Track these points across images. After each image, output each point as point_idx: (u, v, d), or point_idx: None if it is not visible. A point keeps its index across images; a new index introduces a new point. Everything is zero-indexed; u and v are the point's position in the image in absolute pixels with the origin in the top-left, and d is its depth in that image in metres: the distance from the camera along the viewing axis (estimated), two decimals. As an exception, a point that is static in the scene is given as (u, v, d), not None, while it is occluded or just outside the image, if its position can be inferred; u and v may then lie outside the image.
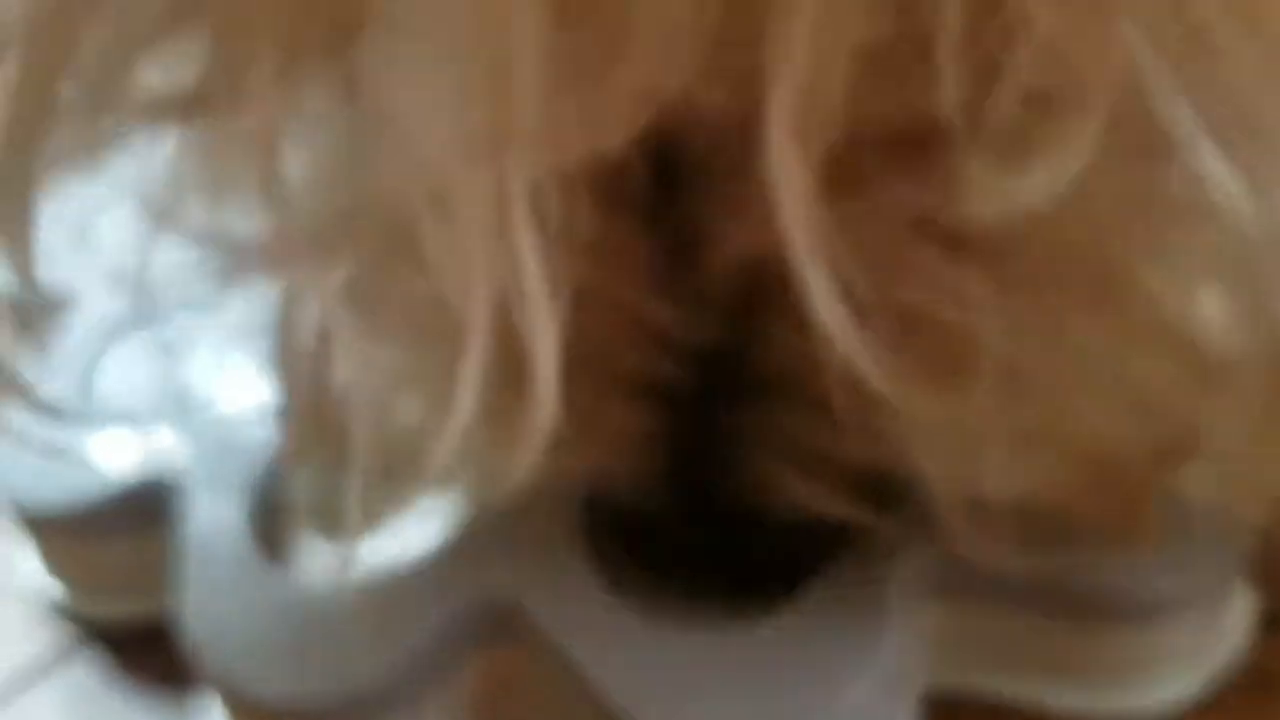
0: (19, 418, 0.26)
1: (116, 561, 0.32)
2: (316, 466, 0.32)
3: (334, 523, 0.32)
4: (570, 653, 0.26)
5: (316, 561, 0.31)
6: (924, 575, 0.27)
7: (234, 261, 0.24)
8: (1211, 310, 0.22)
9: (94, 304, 0.36)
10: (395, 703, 0.27)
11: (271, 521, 0.31)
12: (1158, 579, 0.27)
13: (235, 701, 0.28)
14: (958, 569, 0.27)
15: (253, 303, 0.27)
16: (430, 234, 0.18)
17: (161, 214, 0.24)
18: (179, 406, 0.32)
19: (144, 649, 0.32)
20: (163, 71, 0.20)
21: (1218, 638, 0.29)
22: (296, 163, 0.21)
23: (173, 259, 0.33)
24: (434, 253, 0.18)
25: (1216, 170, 0.18)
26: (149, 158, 0.23)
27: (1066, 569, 0.27)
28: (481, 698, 0.28)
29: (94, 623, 0.33)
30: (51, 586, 0.34)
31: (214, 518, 0.30)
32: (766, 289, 0.22)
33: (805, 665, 0.26)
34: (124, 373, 0.34)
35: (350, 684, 0.27)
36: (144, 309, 0.35)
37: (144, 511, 0.31)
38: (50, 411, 0.26)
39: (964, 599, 0.28)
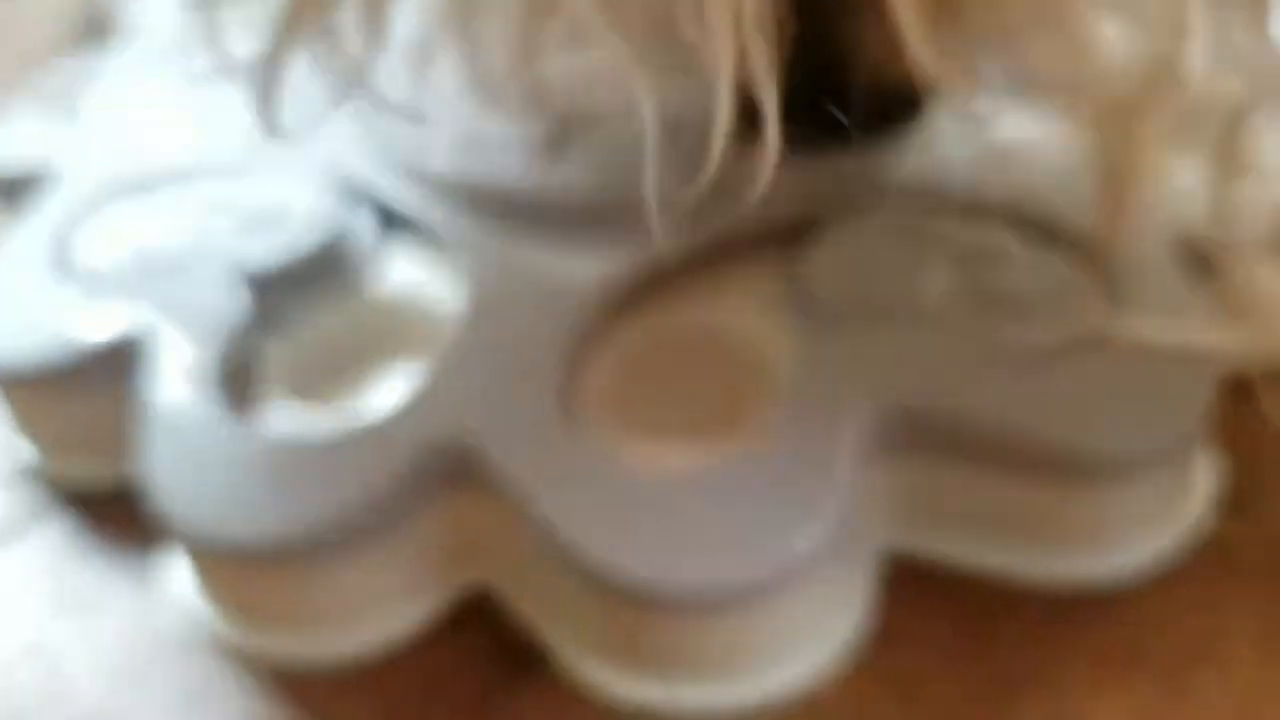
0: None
1: (87, 422, 0.32)
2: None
3: (301, 383, 0.32)
4: (528, 496, 0.26)
5: (281, 416, 0.31)
6: (880, 429, 0.27)
7: None
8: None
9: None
10: (356, 545, 0.28)
11: (236, 381, 0.31)
12: (1119, 439, 0.27)
13: (198, 547, 0.28)
14: (917, 421, 0.28)
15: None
16: None
17: None
18: (148, 268, 0.33)
19: (114, 510, 0.32)
20: None
21: (1179, 506, 0.29)
22: None
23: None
24: None
25: None
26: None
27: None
28: (443, 542, 0.28)
29: (64, 484, 0.33)
30: (22, 448, 0.34)
31: (179, 375, 0.30)
32: None
33: (755, 513, 0.26)
34: (100, 235, 0.34)
35: (311, 527, 0.27)
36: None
37: (114, 372, 0.31)
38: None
39: (923, 456, 0.28)
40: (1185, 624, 0.28)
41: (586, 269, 0.31)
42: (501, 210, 0.33)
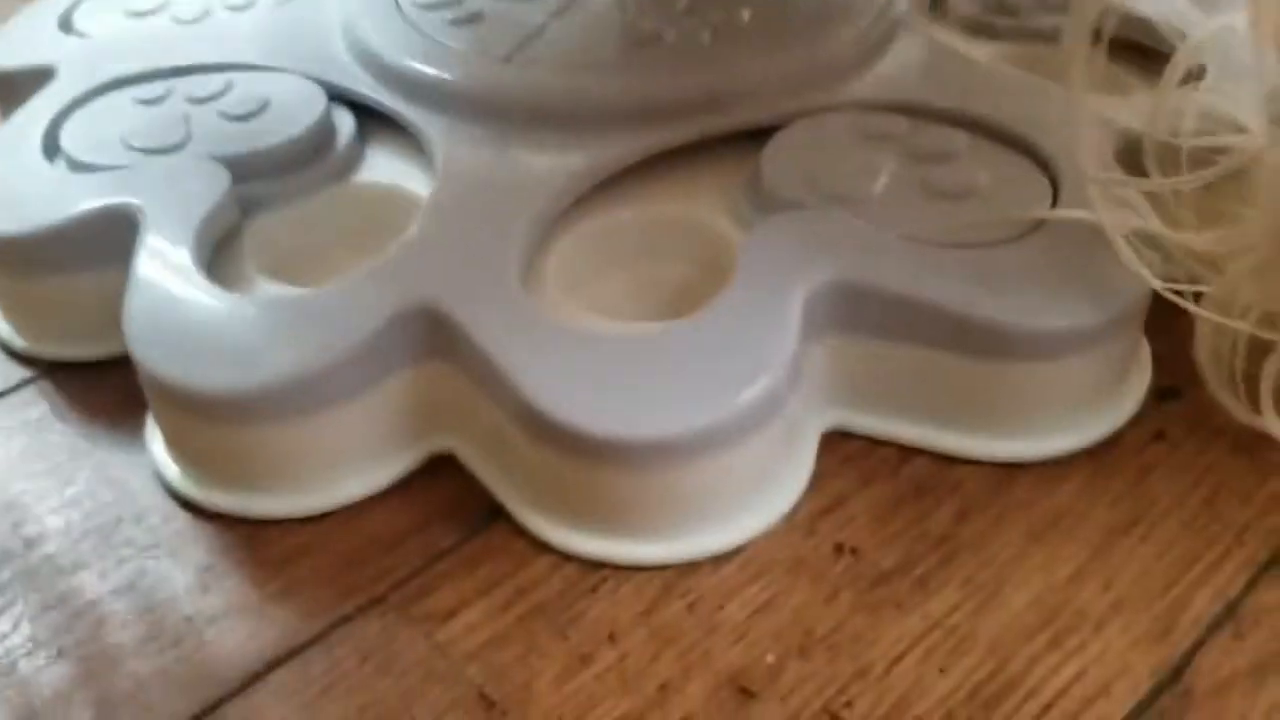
0: None
1: (75, 296, 0.33)
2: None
3: (279, 262, 0.33)
4: (488, 356, 0.28)
5: (257, 288, 0.32)
6: (823, 305, 0.29)
7: None
8: None
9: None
10: (323, 405, 0.29)
11: (216, 255, 0.32)
12: (1054, 319, 0.28)
13: (166, 396, 0.29)
14: (858, 299, 0.29)
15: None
16: None
17: None
18: (135, 152, 0.34)
19: (100, 381, 0.34)
20: None
21: (1114, 388, 0.30)
22: None
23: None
24: None
25: None
26: None
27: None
28: (408, 405, 0.30)
29: (52, 355, 0.34)
30: (8, 327, 0.35)
31: (162, 247, 0.31)
32: None
33: (702, 372, 0.27)
34: (91, 125, 0.36)
35: (279, 383, 0.28)
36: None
37: (101, 246, 0.32)
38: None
39: (866, 334, 0.29)
40: (1116, 499, 0.29)
41: (552, 163, 0.33)
42: (474, 110, 0.34)
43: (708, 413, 0.27)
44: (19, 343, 0.35)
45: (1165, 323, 0.32)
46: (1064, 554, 0.28)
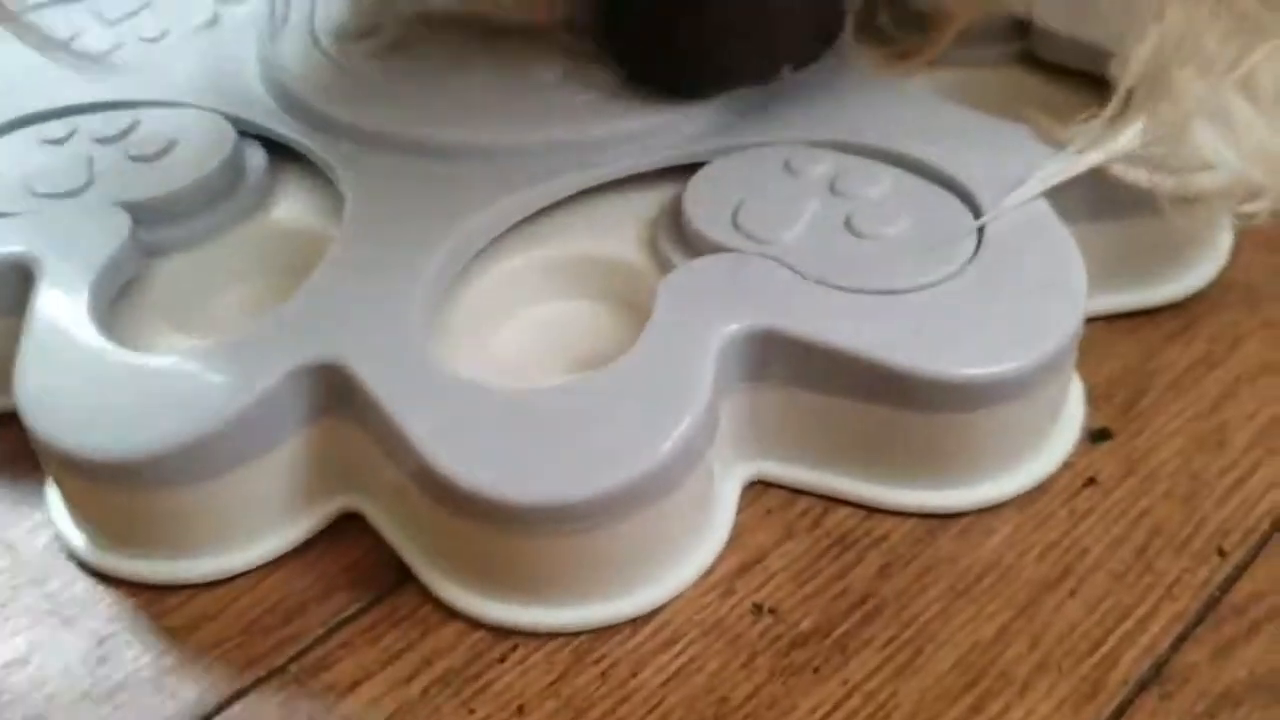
0: None
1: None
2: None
3: (183, 309, 0.32)
4: (388, 414, 0.26)
5: (156, 346, 0.31)
6: (740, 354, 0.28)
7: None
8: None
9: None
10: (223, 465, 0.27)
11: (115, 307, 0.31)
12: (978, 367, 0.27)
13: (60, 462, 0.28)
14: (776, 348, 0.28)
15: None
16: None
17: None
18: (34, 197, 0.33)
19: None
20: None
21: (1045, 433, 0.29)
22: None
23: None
24: None
25: None
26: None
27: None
28: (311, 464, 0.29)
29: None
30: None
31: (57, 300, 0.30)
32: None
33: (612, 429, 0.26)
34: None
35: (175, 446, 0.27)
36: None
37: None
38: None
39: (785, 383, 0.28)
40: (1045, 550, 0.28)
41: (467, 201, 0.31)
42: (385, 147, 0.33)
43: (618, 474, 0.25)
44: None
45: (1096, 359, 0.32)
46: (990, 611, 0.27)
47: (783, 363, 0.28)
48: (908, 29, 0.37)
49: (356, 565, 0.29)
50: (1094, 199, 0.30)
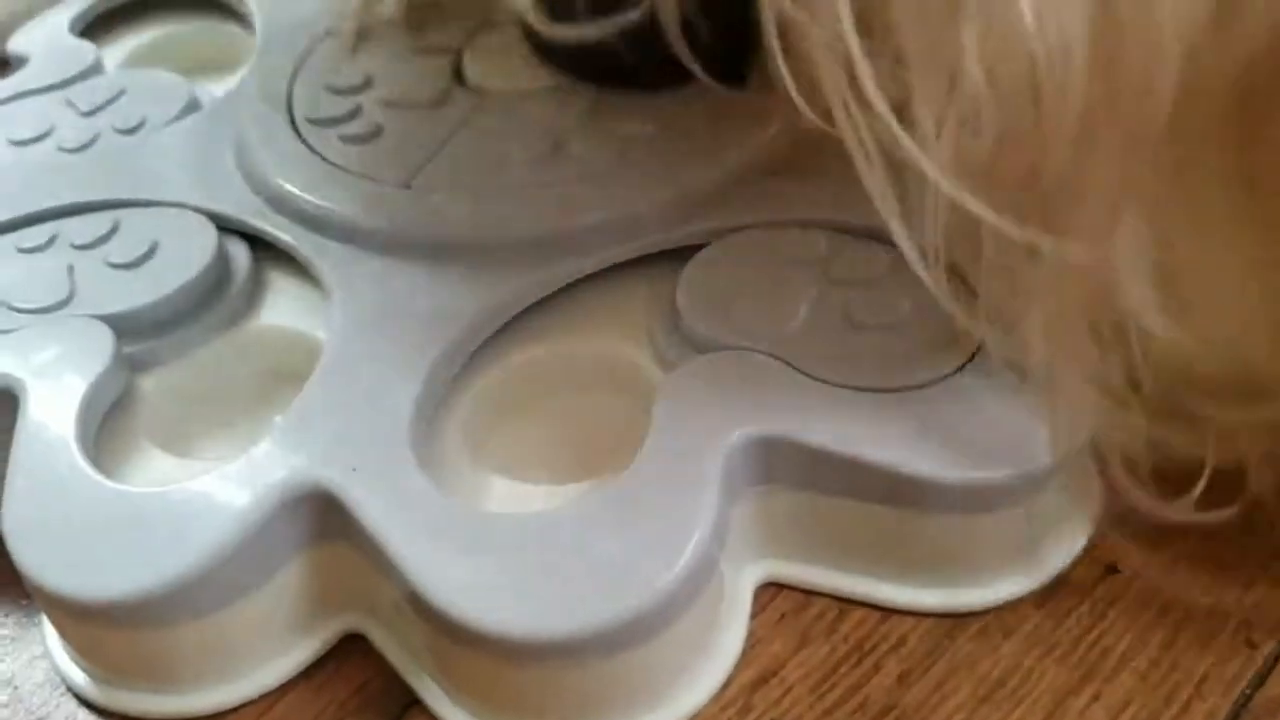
0: None
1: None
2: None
3: (173, 424, 0.32)
4: (384, 545, 0.26)
5: (147, 464, 0.30)
6: (746, 461, 0.27)
7: None
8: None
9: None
10: (217, 599, 0.27)
11: (102, 429, 0.30)
12: (995, 467, 0.26)
13: (53, 601, 0.27)
14: (783, 454, 0.27)
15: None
16: None
17: None
18: (12, 313, 0.32)
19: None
20: None
21: (1062, 528, 0.28)
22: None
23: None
24: None
25: None
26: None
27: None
28: (309, 590, 0.28)
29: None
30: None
31: (43, 425, 0.29)
32: None
33: (616, 554, 0.25)
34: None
35: (169, 582, 0.26)
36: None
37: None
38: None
39: (793, 487, 0.27)
40: (1066, 651, 0.27)
41: (458, 300, 0.31)
42: (371, 243, 0.32)
43: (624, 603, 0.25)
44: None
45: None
46: (1015, 718, 0.26)
47: (791, 468, 0.27)
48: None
49: (365, 688, 0.28)
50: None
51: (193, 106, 0.39)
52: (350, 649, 0.29)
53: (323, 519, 0.27)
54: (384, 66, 0.38)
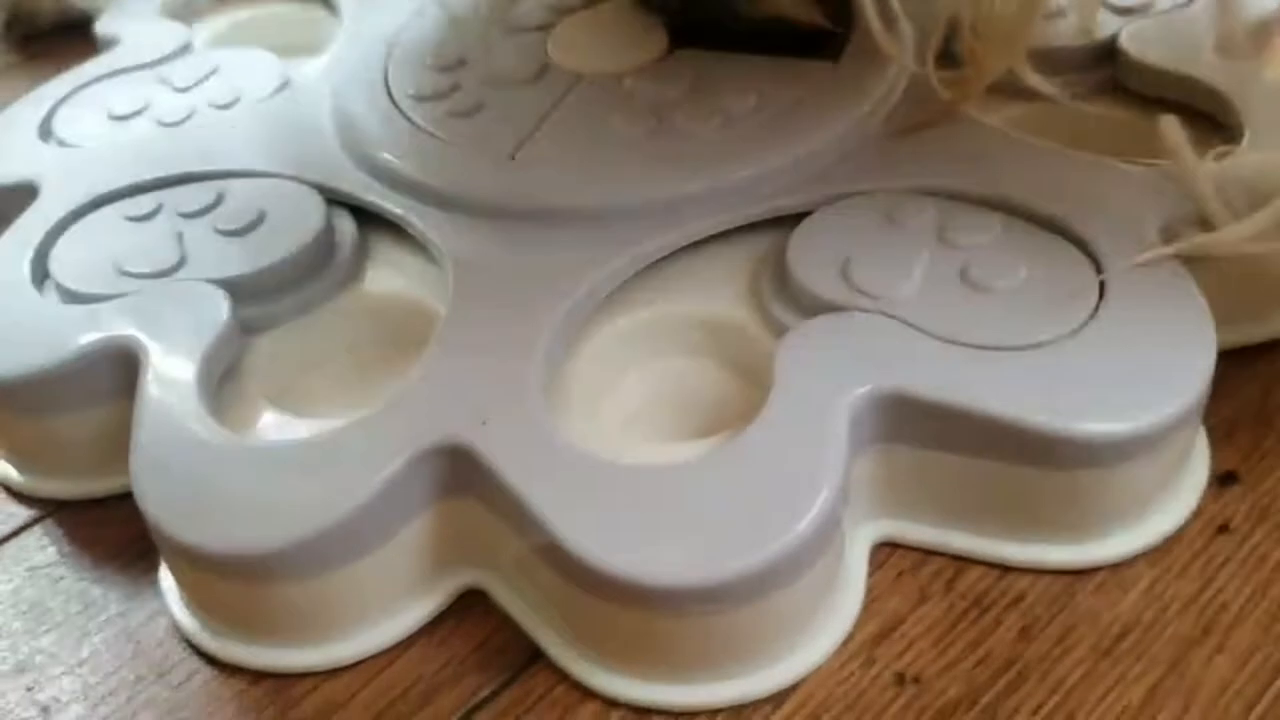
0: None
1: (73, 435, 0.32)
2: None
3: (288, 387, 0.32)
4: (517, 497, 0.26)
5: (267, 423, 0.31)
6: (868, 419, 0.27)
7: None
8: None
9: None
10: (344, 553, 0.27)
11: (221, 389, 0.31)
12: (1115, 421, 0.27)
13: (181, 554, 0.28)
14: (905, 411, 0.27)
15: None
16: None
17: None
18: (127, 272, 0.32)
19: (102, 525, 0.32)
20: None
21: (1174, 485, 0.29)
22: None
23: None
24: None
25: None
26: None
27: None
28: (434, 545, 0.28)
29: (51, 498, 0.33)
30: (8, 465, 0.34)
31: (165, 383, 0.30)
32: None
33: (744, 506, 0.26)
34: (80, 247, 0.34)
35: (299, 536, 0.27)
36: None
37: (99, 385, 0.31)
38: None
39: (913, 444, 0.28)
40: (1185, 605, 0.27)
41: (569, 267, 0.31)
42: (480, 213, 0.33)
43: (758, 552, 0.25)
44: (20, 481, 0.33)
45: (1215, 399, 0.31)
46: (1136, 672, 0.26)
47: (914, 425, 0.27)
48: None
49: (485, 644, 0.28)
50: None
51: (285, 85, 0.40)
52: (470, 606, 0.29)
53: (452, 473, 0.27)
54: (476, 46, 0.38)
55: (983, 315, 0.28)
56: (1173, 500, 0.29)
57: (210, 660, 0.29)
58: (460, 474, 0.27)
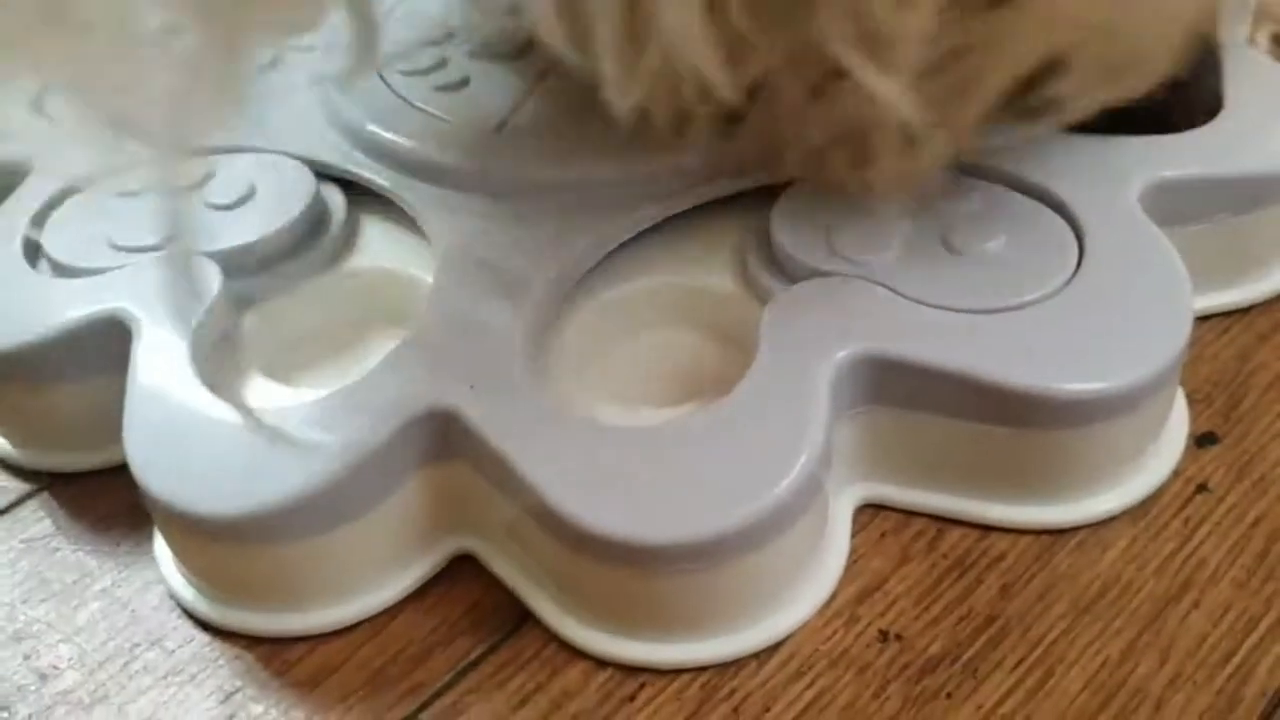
0: None
1: (69, 405, 0.32)
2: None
3: (280, 358, 0.32)
4: (504, 460, 0.26)
5: (258, 392, 0.31)
6: (850, 381, 0.28)
7: None
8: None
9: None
10: (336, 517, 0.28)
11: (214, 359, 0.31)
12: (1095, 380, 0.27)
13: (173, 519, 0.28)
14: (886, 373, 0.28)
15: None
16: None
17: None
18: (118, 246, 0.33)
19: (97, 493, 0.32)
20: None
21: (1153, 445, 0.29)
22: None
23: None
24: None
25: None
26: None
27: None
28: (424, 509, 0.29)
29: (47, 468, 0.33)
30: (4, 440, 0.34)
31: (157, 356, 0.30)
32: None
33: (728, 466, 0.26)
34: (74, 221, 0.34)
35: (290, 500, 0.27)
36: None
37: (93, 357, 0.31)
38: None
39: (894, 406, 0.28)
40: (1163, 563, 0.28)
41: (555, 237, 0.31)
42: (468, 185, 0.33)
43: (742, 510, 0.25)
44: (15, 455, 0.34)
45: (1192, 362, 0.32)
46: (1115, 627, 0.27)
47: (895, 387, 0.28)
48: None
49: (476, 607, 0.29)
50: (1190, 202, 0.31)
51: (275, 62, 0.40)
52: (461, 570, 0.29)
53: (441, 438, 0.28)
54: (463, 20, 0.39)
55: (963, 279, 0.29)
56: (1153, 460, 0.29)
57: (205, 626, 0.29)
58: (448, 439, 0.28)
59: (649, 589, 0.26)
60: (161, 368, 0.30)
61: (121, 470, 0.29)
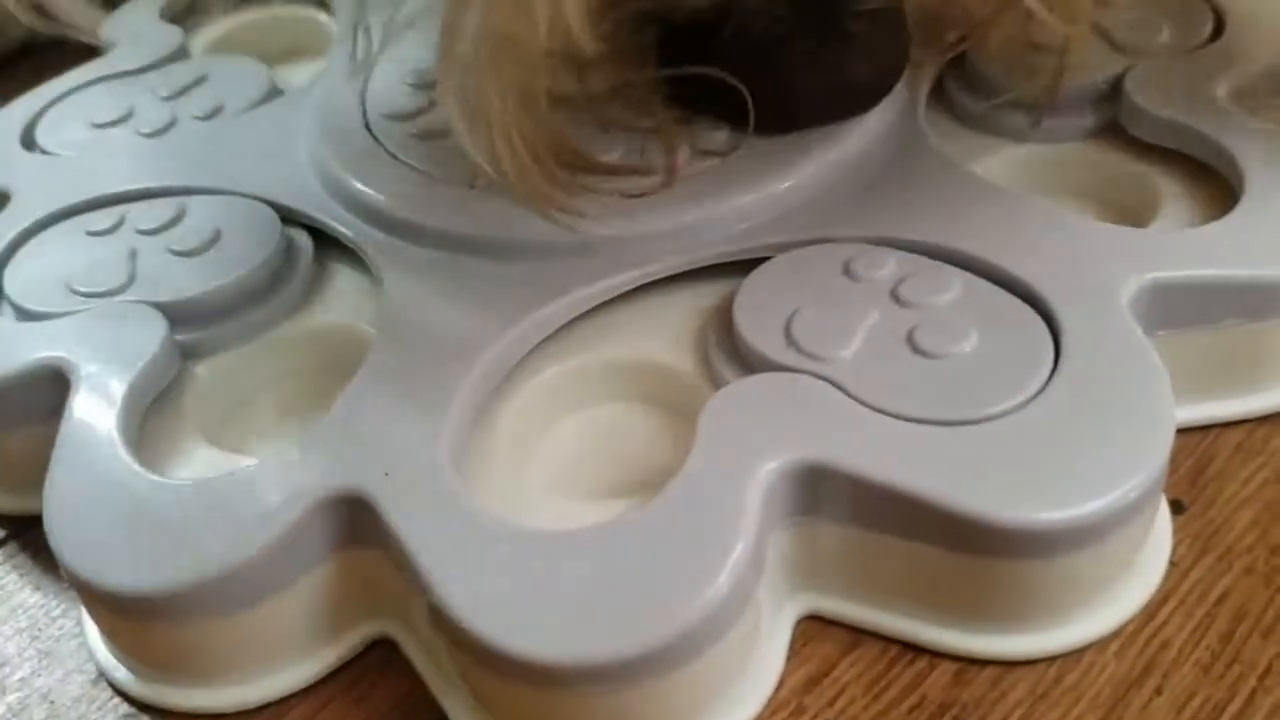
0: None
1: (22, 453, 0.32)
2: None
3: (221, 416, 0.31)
4: (415, 558, 0.25)
5: (191, 461, 0.30)
6: (790, 490, 0.26)
7: None
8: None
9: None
10: (249, 594, 0.26)
11: (148, 417, 0.30)
12: (1056, 508, 0.24)
13: (89, 592, 0.27)
14: (831, 485, 0.26)
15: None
16: None
17: None
18: (73, 297, 0.32)
19: (22, 549, 0.32)
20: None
21: (1123, 580, 0.27)
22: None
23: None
24: None
25: None
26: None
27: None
28: (341, 592, 0.27)
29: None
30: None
31: (87, 412, 0.29)
32: None
33: (649, 579, 0.24)
34: (34, 262, 0.34)
35: (204, 577, 0.26)
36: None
37: (39, 404, 0.31)
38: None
39: (838, 520, 0.26)
40: (1125, 644, 0.26)
41: (512, 303, 0.30)
42: (427, 239, 0.32)
43: (652, 631, 0.23)
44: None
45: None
46: (1075, 715, 0.25)
47: (835, 500, 0.26)
48: (977, 94, 0.34)
49: (405, 699, 0.27)
50: (1177, 307, 0.28)
51: (272, 94, 0.39)
52: (393, 658, 0.28)
53: (356, 523, 0.26)
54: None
55: (924, 385, 0.26)
56: (1125, 590, 0.27)
57: (126, 698, 0.28)
58: (362, 524, 0.26)
59: (551, 703, 0.25)
60: (90, 426, 0.29)
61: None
